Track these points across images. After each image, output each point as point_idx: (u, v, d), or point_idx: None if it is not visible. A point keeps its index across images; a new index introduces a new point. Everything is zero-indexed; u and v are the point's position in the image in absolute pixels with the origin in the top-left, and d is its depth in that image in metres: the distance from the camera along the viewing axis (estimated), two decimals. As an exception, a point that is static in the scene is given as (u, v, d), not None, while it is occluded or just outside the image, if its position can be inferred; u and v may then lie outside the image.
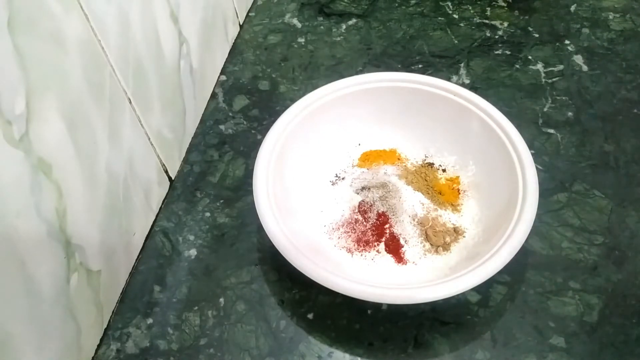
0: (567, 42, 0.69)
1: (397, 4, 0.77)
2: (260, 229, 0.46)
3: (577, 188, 0.54)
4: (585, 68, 0.66)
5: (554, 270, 0.48)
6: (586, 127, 0.59)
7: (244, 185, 0.57)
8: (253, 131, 0.63)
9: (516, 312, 0.46)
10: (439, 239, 0.49)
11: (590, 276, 0.48)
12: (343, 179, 0.55)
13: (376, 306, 0.47)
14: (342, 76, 0.56)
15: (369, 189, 0.53)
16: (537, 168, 0.47)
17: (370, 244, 0.50)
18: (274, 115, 0.54)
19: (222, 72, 0.70)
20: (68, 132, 0.40)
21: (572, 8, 0.74)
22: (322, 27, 0.75)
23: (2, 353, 0.35)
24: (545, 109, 0.61)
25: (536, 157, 0.54)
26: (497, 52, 0.69)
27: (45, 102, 0.37)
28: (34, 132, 0.36)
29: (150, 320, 0.48)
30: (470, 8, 0.75)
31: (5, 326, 0.35)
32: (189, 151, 0.61)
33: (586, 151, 0.57)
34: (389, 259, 0.49)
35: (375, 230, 0.51)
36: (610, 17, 0.72)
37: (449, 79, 0.58)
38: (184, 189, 0.58)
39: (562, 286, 0.47)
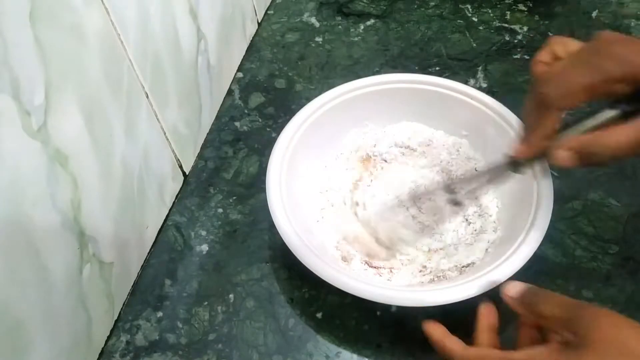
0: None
1: (416, 6, 0.77)
2: (272, 226, 0.46)
3: (592, 196, 0.53)
4: (605, 75, 0.65)
5: (566, 278, 0.48)
6: (604, 135, 0.59)
7: (257, 183, 0.57)
8: (268, 129, 0.63)
9: (527, 319, 0.46)
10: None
11: (603, 286, 0.47)
12: (358, 180, 0.55)
13: (385, 308, 0.47)
14: (358, 76, 0.56)
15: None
16: (552, 175, 0.47)
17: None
18: (290, 113, 0.54)
19: (239, 69, 0.70)
20: (85, 125, 0.40)
21: (594, 14, 0.73)
22: (340, 27, 0.75)
23: (14, 340, 0.36)
24: (563, 115, 0.60)
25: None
26: (515, 57, 0.68)
27: (64, 94, 0.38)
28: (52, 123, 0.36)
29: (160, 314, 0.49)
30: (490, 11, 0.75)
31: (18, 314, 0.36)
32: (203, 147, 0.62)
33: (603, 159, 0.56)
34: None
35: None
36: (633, 24, 0.71)
37: (466, 83, 0.58)
38: (198, 184, 0.58)
39: (575, 295, 0.47)
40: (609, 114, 0.36)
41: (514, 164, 0.42)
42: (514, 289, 0.36)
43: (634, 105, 0.35)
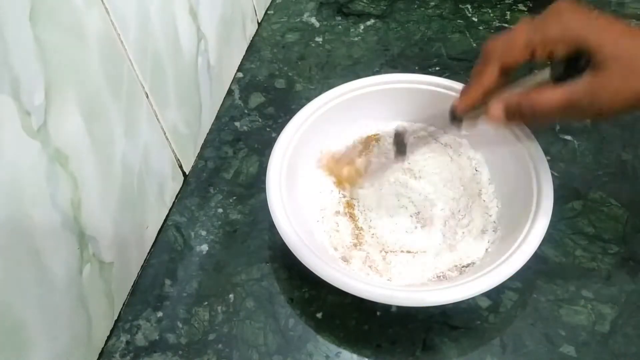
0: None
1: (416, 6, 0.77)
2: (272, 226, 0.46)
3: (592, 196, 0.53)
4: (605, 75, 0.65)
5: (566, 278, 0.48)
6: (604, 135, 0.59)
7: (257, 183, 0.57)
8: (268, 129, 0.63)
9: (527, 319, 0.46)
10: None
11: (603, 285, 0.47)
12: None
13: (385, 308, 0.47)
14: (358, 76, 0.56)
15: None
16: (552, 175, 0.47)
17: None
18: (289, 113, 0.54)
19: (239, 69, 0.70)
20: (85, 125, 0.40)
21: (594, 14, 0.73)
22: (340, 27, 0.75)
23: (14, 340, 0.36)
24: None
25: (552, 163, 0.54)
26: (515, 57, 0.68)
27: (64, 94, 0.38)
28: (52, 123, 0.36)
29: (160, 314, 0.49)
30: (490, 11, 0.75)
31: (18, 314, 0.36)
32: (203, 147, 0.62)
33: (603, 159, 0.56)
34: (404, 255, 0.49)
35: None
36: (633, 24, 0.71)
37: (466, 82, 0.58)
38: (198, 184, 0.58)
39: (575, 295, 0.47)
40: (544, 75, 0.38)
41: (455, 117, 0.43)
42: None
43: (569, 70, 0.37)
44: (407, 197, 0.53)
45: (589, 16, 0.36)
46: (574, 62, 0.36)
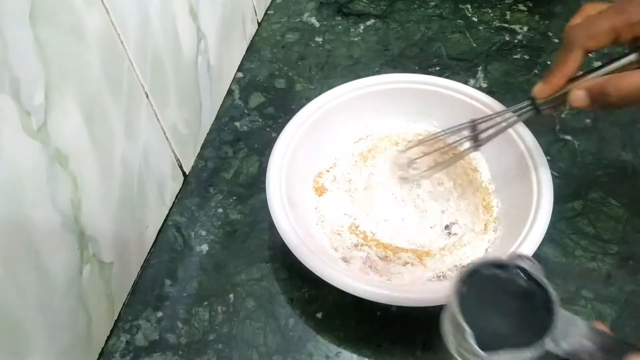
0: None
1: (416, 6, 0.77)
2: (272, 226, 0.46)
3: (592, 196, 0.53)
4: (605, 75, 0.65)
5: (566, 278, 0.48)
6: (604, 135, 0.59)
7: (257, 183, 0.57)
8: (268, 129, 0.63)
9: (527, 319, 0.46)
10: None
11: (603, 285, 0.47)
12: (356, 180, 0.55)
13: (386, 308, 0.47)
14: (358, 76, 0.56)
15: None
16: (552, 174, 0.47)
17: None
18: (290, 113, 0.54)
19: (239, 69, 0.70)
20: (85, 125, 0.40)
21: (594, 14, 0.73)
22: (340, 27, 0.75)
23: (14, 341, 0.36)
24: (562, 115, 0.61)
25: (552, 163, 0.54)
26: (515, 57, 0.68)
27: (64, 94, 0.38)
28: (52, 123, 0.36)
29: (160, 314, 0.49)
30: (490, 11, 0.75)
31: (18, 314, 0.36)
32: (203, 147, 0.62)
33: (603, 159, 0.56)
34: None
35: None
36: (633, 24, 0.71)
37: (466, 83, 0.58)
38: (198, 184, 0.58)
39: (575, 295, 0.47)
40: (630, 58, 0.38)
41: (535, 105, 0.42)
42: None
43: None
44: (407, 196, 0.53)
45: None
46: None
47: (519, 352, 0.28)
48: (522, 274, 0.31)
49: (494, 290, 0.31)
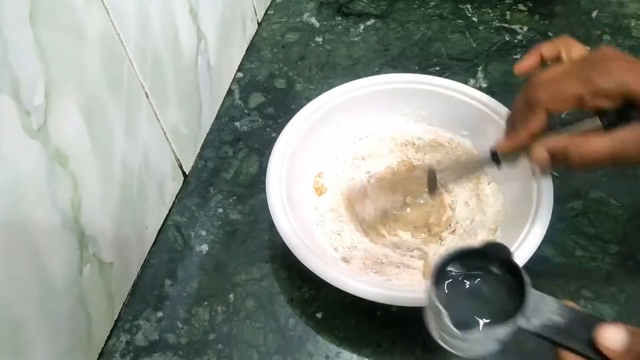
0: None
1: (416, 6, 0.77)
2: (272, 226, 0.46)
3: (592, 196, 0.53)
4: (605, 75, 0.65)
5: (566, 278, 0.48)
6: (604, 135, 0.59)
7: (257, 183, 0.57)
8: (268, 129, 0.63)
9: (527, 319, 0.46)
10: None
11: (603, 285, 0.47)
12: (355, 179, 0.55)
13: (386, 308, 0.47)
14: (358, 76, 0.56)
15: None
16: (552, 175, 0.47)
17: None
18: (289, 113, 0.54)
19: (239, 69, 0.70)
20: (85, 125, 0.40)
21: (594, 14, 0.73)
22: (340, 27, 0.75)
23: (14, 341, 0.36)
24: (563, 115, 0.60)
25: (552, 163, 0.54)
26: (515, 57, 0.68)
27: (64, 94, 0.38)
28: (52, 123, 0.36)
29: (160, 314, 0.49)
30: (490, 11, 0.75)
31: (18, 314, 0.36)
32: (203, 147, 0.62)
33: (603, 159, 0.56)
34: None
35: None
36: (632, 24, 0.71)
37: (466, 83, 0.58)
38: (198, 184, 0.58)
39: (575, 294, 0.47)
40: (593, 123, 0.37)
41: (496, 157, 0.43)
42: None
43: (618, 118, 0.36)
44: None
45: (637, 66, 0.36)
46: (623, 112, 0.36)
47: (493, 329, 0.30)
48: (496, 261, 0.33)
49: (469, 277, 0.33)
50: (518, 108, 0.40)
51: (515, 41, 0.70)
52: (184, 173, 0.58)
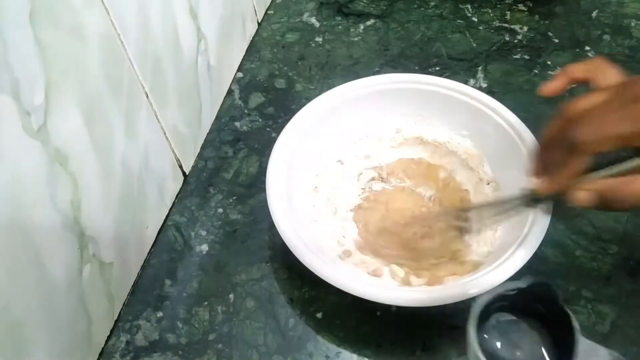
0: (587, 48, 0.68)
1: (416, 6, 0.77)
2: (272, 226, 0.46)
3: (592, 196, 0.53)
4: (605, 75, 0.65)
5: (566, 278, 0.48)
6: (604, 135, 0.58)
7: (257, 183, 0.57)
8: (268, 129, 0.63)
9: (527, 319, 0.46)
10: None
11: (603, 285, 0.47)
12: (357, 179, 0.55)
13: (386, 308, 0.47)
14: (358, 76, 0.56)
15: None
16: (552, 174, 0.47)
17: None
18: (290, 113, 0.54)
19: (239, 69, 0.70)
20: (85, 125, 0.40)
21: (594, 14, 0.73)
22: (340, 27, 0.75)
23: (14, 341, 0.36)
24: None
25: (552, 163, 0.54)
26: (515, 57, 0.68)
27: (64, 94, 0.38)
28: (52, 123, 0.36)
29: (160, 314, 0.49)
30: (490, 11, 0.75)
31: (18, 315, 0.36)
32: (203, 147, 0.62)
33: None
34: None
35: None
36: (633, 24, 0.71)
37: (466, 82, 0.58)
38: (198, 184, 0.58)
39: (575, 294, 0.47)
40: (635, 162, 0.36)
41: (534, 199, 0.41)
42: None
43: None
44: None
45: None
46: None
47: None
48: (539, 302, 0.31)
49: (511, 321, 0.31)
50: (554, 146, 0.37)
51: (515, 41, 0.70)
52: (184, 173, 0.58)
